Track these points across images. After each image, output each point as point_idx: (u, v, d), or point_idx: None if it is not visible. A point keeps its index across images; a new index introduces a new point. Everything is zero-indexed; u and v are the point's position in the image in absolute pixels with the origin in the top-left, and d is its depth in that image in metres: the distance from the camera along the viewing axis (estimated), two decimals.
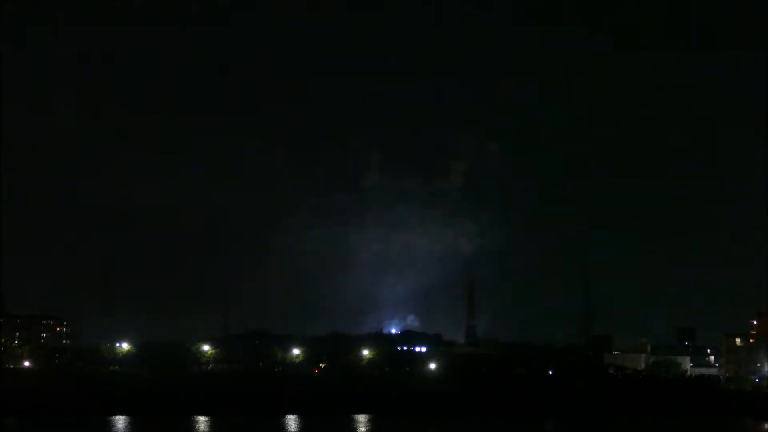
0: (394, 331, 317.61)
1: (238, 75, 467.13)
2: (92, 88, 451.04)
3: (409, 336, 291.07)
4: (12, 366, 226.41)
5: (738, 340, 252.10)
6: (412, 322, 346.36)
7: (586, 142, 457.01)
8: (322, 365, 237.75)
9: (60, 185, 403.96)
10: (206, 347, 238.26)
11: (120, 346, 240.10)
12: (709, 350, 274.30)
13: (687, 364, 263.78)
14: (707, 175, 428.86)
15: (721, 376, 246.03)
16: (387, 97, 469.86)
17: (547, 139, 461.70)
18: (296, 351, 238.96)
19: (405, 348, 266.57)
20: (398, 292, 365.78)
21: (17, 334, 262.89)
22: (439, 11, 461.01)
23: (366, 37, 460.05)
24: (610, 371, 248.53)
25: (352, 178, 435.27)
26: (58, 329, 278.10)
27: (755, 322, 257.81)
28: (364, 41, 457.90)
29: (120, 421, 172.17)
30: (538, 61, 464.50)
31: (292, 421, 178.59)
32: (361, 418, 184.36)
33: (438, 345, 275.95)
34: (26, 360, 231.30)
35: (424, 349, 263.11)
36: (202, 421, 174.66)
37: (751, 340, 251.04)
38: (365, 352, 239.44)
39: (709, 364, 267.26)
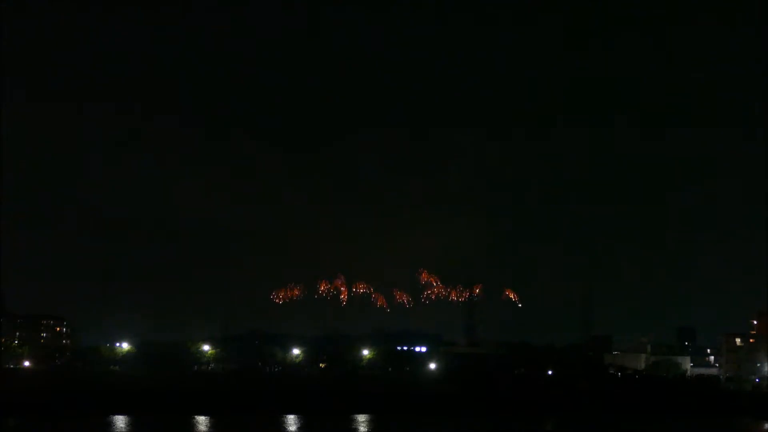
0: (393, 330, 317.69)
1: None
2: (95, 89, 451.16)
3: (409, 336, 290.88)
4: (12, 366, 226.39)
5: (738, 340, 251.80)
6: (413, 321, 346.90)
7: (586, 141, 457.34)
8: (322, 365, 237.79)
9: (61, 185, 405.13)
10: (206, 347, 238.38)
11: (120, 346, 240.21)
12: (709, 350, 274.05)
13: (687, 364, 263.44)
14: (707, 174, 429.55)
15: (721, 376, 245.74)
16: (387, 96, 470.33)
17: (546, 138, 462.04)
18: (296, 351, 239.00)
19: (405, 348, 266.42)
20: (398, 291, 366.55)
21: (17, 334, 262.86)
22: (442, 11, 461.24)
23: (366, 36, 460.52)
24: (610, 371, 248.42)
25: (352, 177, 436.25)
26: (58, 329, 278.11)
27: (755, 322, 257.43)
28: (365, 40, 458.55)
29: (120, 421, 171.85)
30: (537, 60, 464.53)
31: (292, 421, 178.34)
32: (361, 418, 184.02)
33: (438, 345, 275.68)
34: (26, 360, 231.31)
35: (424, 349, 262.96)
36: (202, 421, 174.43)
37: (751, 340, 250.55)
38: (365, 352, 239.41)
39: (709, 364, 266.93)
